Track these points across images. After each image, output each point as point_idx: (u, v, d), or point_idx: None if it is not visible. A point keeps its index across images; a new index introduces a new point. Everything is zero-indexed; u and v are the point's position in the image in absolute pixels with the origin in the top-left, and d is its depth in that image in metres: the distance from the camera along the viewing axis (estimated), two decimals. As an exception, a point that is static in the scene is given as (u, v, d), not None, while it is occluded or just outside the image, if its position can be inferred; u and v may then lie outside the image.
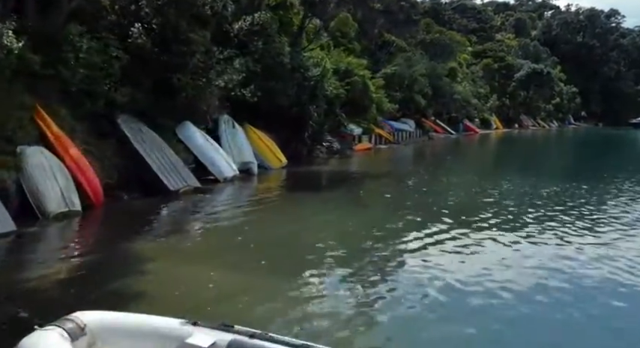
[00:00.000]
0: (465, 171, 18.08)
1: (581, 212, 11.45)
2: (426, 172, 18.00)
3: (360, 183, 14.98)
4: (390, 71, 32.92)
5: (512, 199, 12.82)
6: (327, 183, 14.82)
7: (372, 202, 12.36)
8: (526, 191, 14.06)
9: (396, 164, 21.77)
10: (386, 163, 21.97)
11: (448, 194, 13.10)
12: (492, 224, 9.77)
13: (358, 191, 13.54)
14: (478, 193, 13.54)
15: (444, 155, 27.02)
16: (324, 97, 20.40)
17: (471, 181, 15.41)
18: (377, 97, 27.89)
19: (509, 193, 13.67)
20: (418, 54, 43.87)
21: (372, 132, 29.03)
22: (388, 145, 30.23)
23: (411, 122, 36.75)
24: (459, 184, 14.45)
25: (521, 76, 64.68)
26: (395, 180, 15.66)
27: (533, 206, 11.93)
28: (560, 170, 21.35)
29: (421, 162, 23.20)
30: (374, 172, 16.93)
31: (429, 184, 14.99)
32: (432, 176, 16.70)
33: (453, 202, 12.29)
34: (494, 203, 12.31)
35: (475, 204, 11.97)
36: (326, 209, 10.92)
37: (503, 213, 11.01)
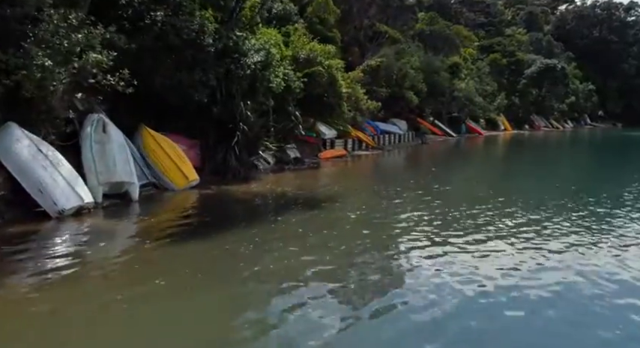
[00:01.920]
0: (445, 193, 13.01)
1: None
2: (390, 195, 13.00)
3: (283, 217, 10.02)
4: (374, 63, 28.08)
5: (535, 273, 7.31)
6: (236, 220, 9.70)
7: (275, 270, 7.26)
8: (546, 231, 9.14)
9: (357, 180, 16.80)
10: (344, 178, 16.95)
11: (398, 250, 8.07)
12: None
13: (270, 239, 8.52)
14: (449, 236, 8.65)
15: (433, 164, 22.00)
16: (269, 91, 15.66)
17: (444, 217, 10.23)
18: (353, 93, 23.11)
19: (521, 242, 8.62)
20: (414, 46, 38.91)
21: (349, 135, 24.26)
22: (370, 151, 25.41)
23: (402, 123, 31.86)
24: (423, 222, 9.45)
25: (533, 72, 59.21)
26: (338, 209, 10.79)
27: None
28: (582, 184, 16.36)
29: (395, 175, 18.20)
30: (314, 197, 12.00)
31: (379, 220, 10.01)
32: (390, 203, 11.71)
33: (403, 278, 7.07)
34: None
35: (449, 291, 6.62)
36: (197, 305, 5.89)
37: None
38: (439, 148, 31.22)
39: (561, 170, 21.59)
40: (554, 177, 17.65)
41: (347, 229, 9.07)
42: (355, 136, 24.93)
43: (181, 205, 11.09)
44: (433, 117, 40.39)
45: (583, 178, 18.88)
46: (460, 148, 32.40)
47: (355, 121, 25.25)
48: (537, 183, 15.92)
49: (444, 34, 46.67)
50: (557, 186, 15.89)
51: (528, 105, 59.18)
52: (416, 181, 15.80)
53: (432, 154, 27.29)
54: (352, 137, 24.53)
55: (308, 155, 20.44)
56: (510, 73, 59.85)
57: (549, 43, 75.00)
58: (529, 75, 59.37)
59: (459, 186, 13.96)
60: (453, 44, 49.12)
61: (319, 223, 9.33)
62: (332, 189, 13.23)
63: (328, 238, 8.38)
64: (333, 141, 23.19)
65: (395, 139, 30.24)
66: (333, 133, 23.45)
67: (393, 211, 10.53)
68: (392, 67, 29.73)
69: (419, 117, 39.14)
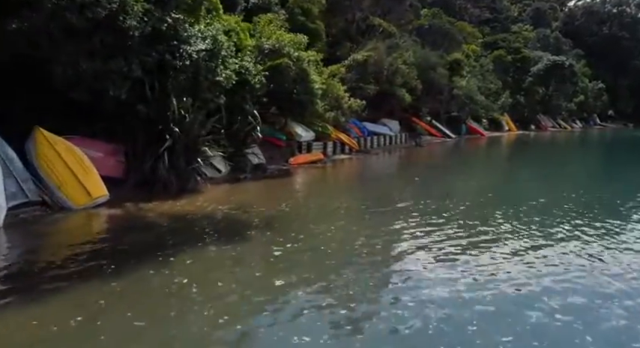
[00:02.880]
0: (418, 215, 10.21)
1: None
2: (353, 217, 10.30)
3: (182, 256, 7.21)
4: (360, 57, 25.44)
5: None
6: (119, 259, 6.78)
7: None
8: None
9: (321, 193, 14.02)
10: (306, 190, 14.15)
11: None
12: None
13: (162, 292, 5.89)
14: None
15: (419, 171, 19.27)
16: (216, 86, 13.11)
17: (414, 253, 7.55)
18: (331, 90, 20.51)
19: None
20: (410, 40, 36.18)
21: (329, 137, 21.66)
22: (353, 155, 22.77)
23: (394, 124, 29.18)
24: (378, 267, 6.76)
25: (539, 69, 56.16)
26: (266, 242, 8.07)
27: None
28: (593, 193, 13.69)
29: (368, 187, 15.49)
30: (249, 221, 9.17)
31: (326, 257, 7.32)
32: (347, 230, 9.01)
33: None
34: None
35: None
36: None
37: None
38: (434, 150, 28.50)
39: (570, 177, 18.89)
40: (561, 184, 14.92)
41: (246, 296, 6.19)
42: (336, 138, 22.32)
43: (58, 234, 8.44)
44: (430, 117, 37.65)
45: (595, 185, 16.14)
46: (457, 151, 29.64)
47: (337, 122, 22.64)
48: (543, 195, 13.20)
49: (443, 29, 43.79)
50: (564, 195, 13.22)
51: (534, 104, 56.12)
52: (387, 195, 13.15)
53: (423, 158, 24.57)
54: (333, 139, 21.92)
55: (278, 161, 17.89)
56: (515, 70, 56.80)
57: (557, 40, 71.82)
58: (535, 72, 56.29)
59: (437, 204, 11.29)
60: (454, 40, 46.24)
61: (228, 276, 6.69)
62: (281, 208, 10.60)
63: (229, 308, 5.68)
64: (310, 144, 20.60)
65: (385, 141, 27.59)
66: (310, 135, 20.87)
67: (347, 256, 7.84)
68: (382, 61, 27.05)
69: (415, 117, 36.45)
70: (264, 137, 17.90)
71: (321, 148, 21.23)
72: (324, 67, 22.14)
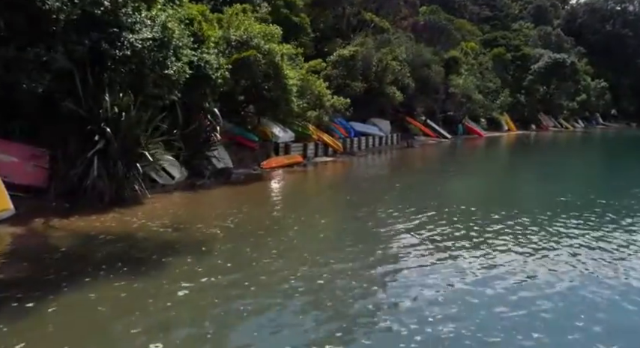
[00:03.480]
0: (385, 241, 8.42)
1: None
2: (306, 239, 8.54)
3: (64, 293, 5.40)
4: (347, 53, 23.79)
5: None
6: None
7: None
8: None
9: (282, 204, 12.36)
10: (267, 200, 12.51)
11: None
12: None
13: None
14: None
15: (403, 177, 17.52)
16: (166, 80, 11.48)
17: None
18: (309, 87, 18.89)
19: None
20: (404, 36, 34.50)
21: (310, 138, 20.03)
22: (336, 157, 21.11)
23: (384, 124, 27.51)
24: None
25: (540, 67, 54.39)
26: (173, 278, 6.26)
27: None
28: (603, 203, 12.04)
29: (340, 196, 13.75)
30: (175, 246, 7.40)
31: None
32: (293, 258, 7.18)
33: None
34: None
35: None
36: None
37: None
38: (427, 152, 26.81)
39: (575, 181, 17.23)
40: (565, 192, 13.24)
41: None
42: (318, 139, 20.69)
43: None
44: (425, 116, 35.98)
45: (603, 192, 14.45)
46: (451, 153, 27.93)
47: (320, 121, 21.01)
48: (543, 206, 11.54)
49: (440, 26, 42.09)
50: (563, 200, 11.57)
51: (535, 103, 54.36)
52: (360, 205, 11.48)
53: (412, 161, 22.87)
54: (314, 140, 20.28)
55: (248, 164, 16.26)
56: (515, 68, 55.09)
57: (559, 38, 70.01)
58: (536, 71, 54.52)
59: (417, 219, 9.64)
60: (451, 37, 44.55)
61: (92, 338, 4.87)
62: (225, 224, 8.91)
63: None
64: (288, 145, 18.97)
65: (374, 143, 25.93)
66: (288, 136, 19.24)
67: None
68: (370, 57, 25.40)
69: (408, 116, 34.79)
70: (234, 138, 16.33)
71: (301, 150, 19.60)
72: (305, 63, 20.50)
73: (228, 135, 16.16)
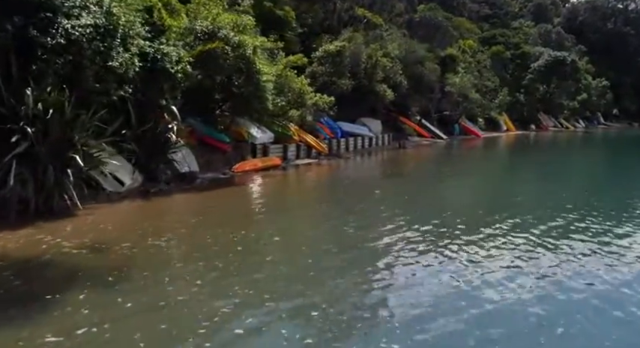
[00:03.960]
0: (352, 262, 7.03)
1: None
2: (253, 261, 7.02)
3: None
4: (333, 48, 22.42)
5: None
6: None
7: None
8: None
9: (239, 215, 10.82)
10: (221, 213, 10.76)
11: None
12: None
13: None
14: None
15: (386, 182, 16.12)
16: (110, 73, 10.13)
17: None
18: (288, 84, 17.53)
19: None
20: (398, 33, 33.09)
21: (290, 139, 18.66)
22: (319, 160, 19.74)
23: (375, 124, 26.14)
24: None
25: (540, 66, 52.97)
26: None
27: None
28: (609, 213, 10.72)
29: (316, 204, 12.35)
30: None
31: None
32: (213, 292, 5.61)
33: None
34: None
35: None
36: None
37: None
38: (419, 153, 25.43)
39: (577, 186, 15.88)
40: (567, 203, 11.88)
41: None
42: (301, 140, 19.32)
43: None
44: (420, 116, 34.60)
45: (608, 199, 13.10)
46: (445, 154, 26.51)
47: (303, 121, 19.66)
48: (541, 218, 10.17)
49: (436, 23, 40.68)
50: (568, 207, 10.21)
51: (535, 102, 52.94)
52: (330, 215, 10.12)
53: (401, 163, 21.44)
54: (295, 142, 18.91)
55: (219, 167, 14.89)
56: (515, 67, 53.67)
57: (559, 36, 68.57)
58: (536, 69, 53.12)
59: (392, 233, 8.29)
60: (448, 34, 43.14)
61: None
62: (157, 242, 7.52)
63: None
64: (267, 147, 17.61)
65: (364, 143, 24.55)
66: (267, 137, 17.90)
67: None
68: (359, 54, 24.02)
69: (402, 116, 33.41)
70: (203, 139, 14.97)
71: (281, 152, 18.25)
72: (287, 58, 19.14)
73: (197, 136, 14.83)
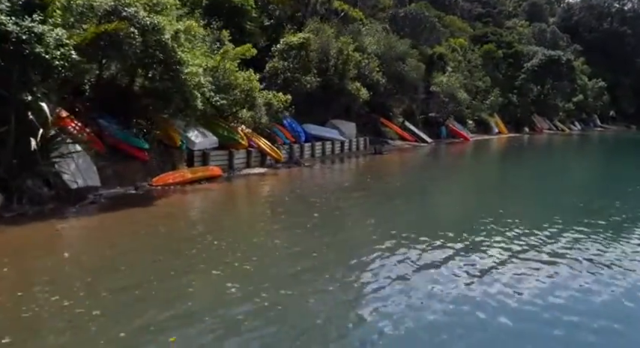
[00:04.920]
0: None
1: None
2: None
3: None
4: (295, 40, 19.69)
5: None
6: None
7: None
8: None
9: (106, 254, 7.99)
10: (80, 249, 7.98)
11: None
12: None
13: None
14: None
15: (335, 200, 12.89)
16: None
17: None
18: (228, 78, 14.81)
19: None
20: (378, 27, 30.39)
21: (240, 144, 15.91)
22: (280, 167, 16.98)
23: (348, 126, 23.39)
24: None
25: (534, 65, 50.43)
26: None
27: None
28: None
29: (228, 236, 9.37)
30: None
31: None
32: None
33: None
34: None
35: None
36: None
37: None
38: (396, 160, 22.68)
39: (575, 199, 13.18)
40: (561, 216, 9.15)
41: None
42: (251, 146, 16.57)
43: None
44: (403, 118, 31.92)
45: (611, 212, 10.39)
46: (426, 161, 23.73)
47: (257, 123, 16.91)
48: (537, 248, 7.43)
49: (422, 18, 38.03)
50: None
51: (528, 104, 50.38)
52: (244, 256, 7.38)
53: (370, 174, 18.52)
54: (244, 147, 16.15)
55: (139, 179, 12.12)
56: (507, 66, 51.07)
57: (554, 35, 66.15)
58: (529, 69, 50.58)
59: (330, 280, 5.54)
60: (435, 29, 40.52)
61: None
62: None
63: None
64: (207, 154, 14.84)
65: (333, 149, 21.80)
66: (209, 142, 15.18)
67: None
68: (328, 47, 21.31)
69: (383, 118, 30.74)
70: (117, 145, 12.21)
71: (225, 160, 15.49)
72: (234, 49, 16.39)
73: (111, 141, 12.08)
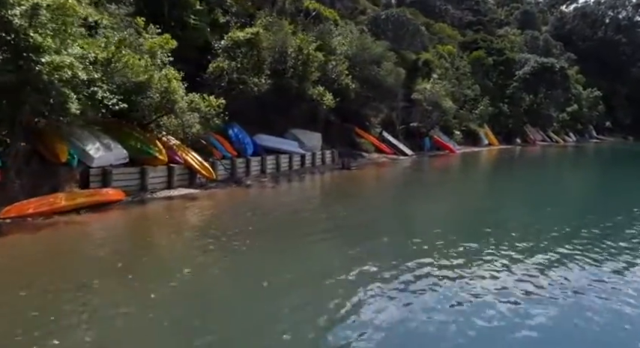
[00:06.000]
0: None
1: None
2: None
3: None
4: (242, 36, 16.74)
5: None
6: None
7: None
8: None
9: None
10: None
11: None
12: None
13: None
14: None
15: (262, 240, 9.62)
16: None
17: None
18: (134, 75, 11.81)
19: None
20: (353, 28, 27.52)
21: (157, 159, 12.84)
22: (213, 187, 13.91)
23: (312, 137, 20.41)
24: None
25: (526, 73, 47.77)
26: None
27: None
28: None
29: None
30: None
31: None
32: None
33: None
34: None
35: None
36: None
37: None
38: (365, 177, 19.60)
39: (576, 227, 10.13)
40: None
41: None
42: (178, 161, 13.53)
43: None
44: (382, 128, 28.99)
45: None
46: (401, 179, 20.56)
47: (186, 133, 13.87)
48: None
49: (403, 20, 35.27)
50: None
51: (520, 114, 47.61)
52: None
53: (327, 197, 15.30)
54: (162, 163, 13.09)
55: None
56: (498, 74, 48.39)
57: (547, 43, 63.68)
58: (521, 77, 47.90)
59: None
60: (419, 33, 37.79)
61: None
62: None
63: None
64: (109, 172, 11.75)
65: (291, 164, 18.75)
66: (116, 156, 12.14)
67: None
68: (285, 46, 18.37)
69: (359, 128, 27.79)
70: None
71: (137, 179, 12.42)
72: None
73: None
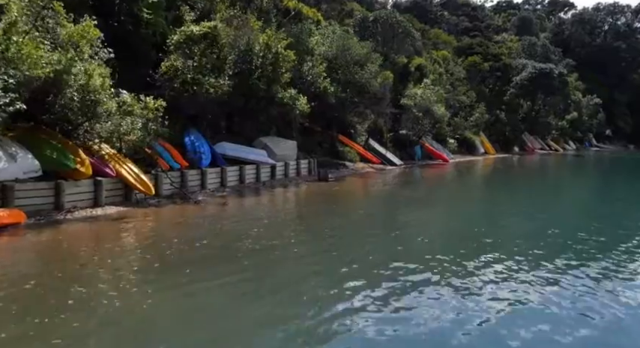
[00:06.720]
0: None
1: None
2: None
3: None
4: (197, 31, 14.66)
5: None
6: None
7: None
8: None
9: None
10: None
11: None
12: None
13: None
14: None
15: (179, 275, 7.45)
16: None
17: None
18: (23, 61, 9.69)
19: None
20: (337, 28, 25.48)
21: (79, 172, 10.67)
22: (155, 203, 11.73)
23: (285, 145, 18.26)
24: None
25: (523, 79, 45.77)
26: None
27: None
28: None
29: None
30: None
31: None
32: None
33: None
34: None
35: None
36: None
37: None
38: (344, 191, 17.38)
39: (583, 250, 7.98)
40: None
41: None
42: (109, 173, 11.37)
43: None
44: (368, 135, 26.87)
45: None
46: (383, 193, 18.23)
47: (122, 140, 11.74)
48: None
49: (392, 22, 33.27)
50: None
51: (518, 121, 45.58)
52: None
53: (289, 217, 13.05)
54: (85, 176, 10.92)
55: None
56: (495, 80, 46.45)
57: (545, 48, 61.80)
58: (519, 83, 45.93)
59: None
60: (410, 36, 35.81)
61: None
62: None
63: None
64: (7, 187, 9.57)
65: (259, 175, 16.57)
66: (24, 168, 9.97)
67: None
68: (250, 43, 16.30)
69: (343, 135, 25.67)
70: None
71: (50, 195, 10.25)
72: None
73: None
